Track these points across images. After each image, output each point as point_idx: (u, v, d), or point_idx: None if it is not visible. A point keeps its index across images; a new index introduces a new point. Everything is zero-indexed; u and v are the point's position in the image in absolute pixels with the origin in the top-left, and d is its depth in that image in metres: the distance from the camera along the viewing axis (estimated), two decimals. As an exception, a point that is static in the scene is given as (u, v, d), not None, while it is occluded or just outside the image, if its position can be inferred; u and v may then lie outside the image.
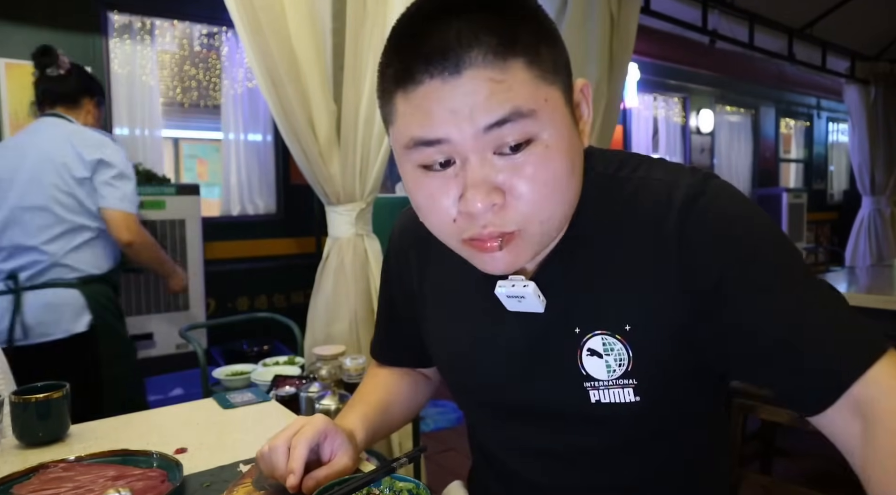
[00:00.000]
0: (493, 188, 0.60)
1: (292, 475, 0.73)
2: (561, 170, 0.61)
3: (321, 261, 2.15)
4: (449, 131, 0.59)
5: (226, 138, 3.95)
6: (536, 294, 0.69)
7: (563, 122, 0.62)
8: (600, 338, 0.68)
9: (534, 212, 0.61)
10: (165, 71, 3.80)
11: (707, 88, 6.83)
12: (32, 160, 1.91)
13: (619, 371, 0.67)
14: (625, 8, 2.90)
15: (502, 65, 0.58)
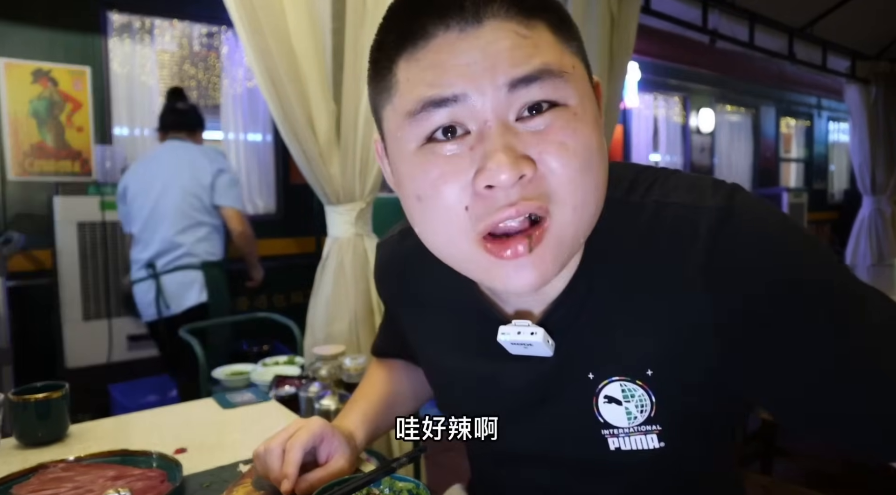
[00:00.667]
0: (520, 156, 0.50)
1: (286, 480, 0.73)
2: (592, 143, 0.53)
3: (321, 261, 2.14)
4: (465, 87, 0.50)
5: (225, 138, 3.95)
6: (546, 340, 0.61)
7: (589, 96, 0.55)
8: (619, 385, 0.61)
9: (568, 191, 0.51)
10: (165, 70, 3.79)
11: (707, 88, 6.82)
12: (168, 171, 2.49)
13: (640, 417, 0.61)
14: (625, 7, 2.90)
15: (527, 21, 0.52)
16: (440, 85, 0.50)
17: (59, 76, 3.24)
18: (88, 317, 3.05)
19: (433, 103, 0.51)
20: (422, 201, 0.54)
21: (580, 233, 0.55)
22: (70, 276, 2.99)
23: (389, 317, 0.92)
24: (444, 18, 0.51)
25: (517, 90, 0.50)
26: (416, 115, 0.52)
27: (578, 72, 0.54)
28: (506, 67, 0.50)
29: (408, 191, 0.56)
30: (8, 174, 3.14)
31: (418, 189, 0.54)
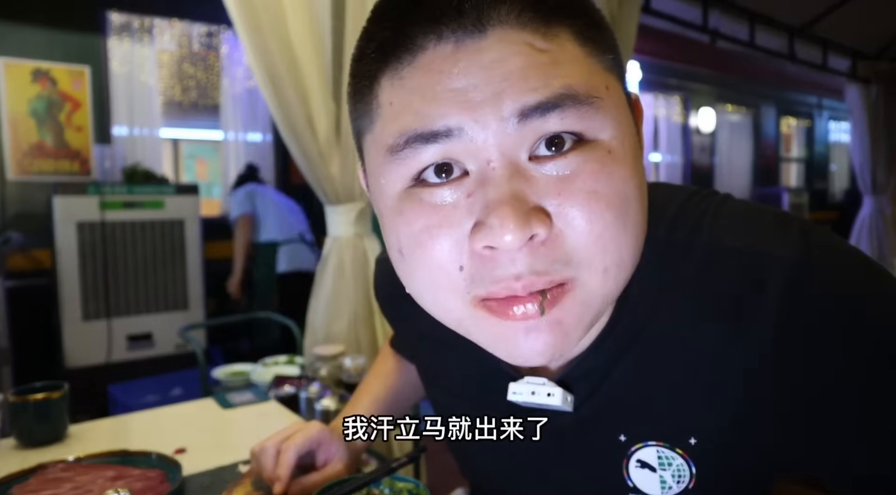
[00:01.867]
0: (531, 209, 0.39)
1: (278, 482, 0.72)
2: (630, 188, 0.41)
3: (321, 260, 2.14)
4: (462, 118, 0.39)
5: (225, 138, 3.95)
6: (565, 399, 0.52)
7: (627, 124, 0.43)
8: (655, 450, 0.52)
9: (597, 252, 0.40)
10: (165, 70, 3.79)
11: (707, 88, 6.82)
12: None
13: (676, 488, 0.52)
14: (625, 7, 2.90)
15: (545, 30, 0.40)
16: (429, 115, 0.39)
17: (58, 76, 3.24)
18: (88, 317, 3.05)
19: (421, 138, 0.40)
20: (405, 257, 0.43)
21: (612, 295, 0.44)
22: (69, 276, 2.99)
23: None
24: (437, 26, 0.39)
25: (530, 121, 0.39)
26: (400, 151, 0.41)
27: (614, 94, 0.42)
28: (515, 92, 0.38)
29: (389, 241, 0.45)
30: (7, 174, 3.14)
31: (400, 242, 0.43)
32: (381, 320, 2.17)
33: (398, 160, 0.41)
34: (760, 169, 7.59)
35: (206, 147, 4.65)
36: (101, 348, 3.07)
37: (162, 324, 3.18)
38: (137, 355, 3.12)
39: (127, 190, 3.15)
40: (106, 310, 3.10)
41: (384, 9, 0.45)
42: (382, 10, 0.45)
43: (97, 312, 3.07)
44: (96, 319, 3.07)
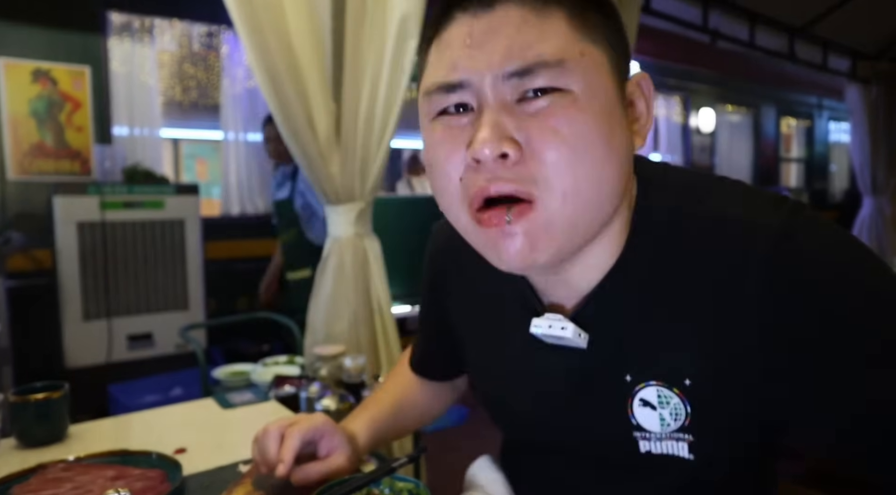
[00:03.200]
0: (505, 135, 0.51)
1: (282, 464, 0.72)
2: (591, 132, 0.51)
3: (321, 260, 2.14)
4: (469, 74, 0.53)
5: (225, 138, 3.95)
6: (577, 333, 0.60)
7: (602, 84, 0.53)
8: (655, 390, 0.59)
9: (553, 176, 0.51)
10: (165, 70, 3.80)
11: (707, 87, 6.82)
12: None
13: (674, 425, 0.59)
14: (625, 8, 2.90)
15: (541, 7, 0.52)
16: (450, 70, 0.54)
17: (58, 76, 3.24)
18: (88, 317, 3.05)
19: (444, 88, 0.54)
20: (431, 169, 0.58)
21: (578, 220, 0.53)
22: (70, 276, 2.99)
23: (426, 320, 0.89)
24: (463, 1, 0.54)
25: (513, 80, 0.52)
26: (431, 94, 0.55)
27: (591, 59, 0.53)
28: (502, 59, 0.51)
29: (425, 158, 0.59)
30: (7, 174, 3.14)
31: (428, 156, 0.58)
32: (381, 320, 2.17)
33: (430, 99, 0.56)
34: (760, 169, 7.59)
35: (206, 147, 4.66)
36: (102, 348, 3.07)
37: (162, 324, 3.18)
38: (138, 355, 3.12)
39: (127, 190, 3.15)
40: (106, 309, 3.10)
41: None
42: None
43: (97, 312, 3.08)
44: (96, 319, 3.07)
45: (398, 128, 2.11)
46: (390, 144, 2.11)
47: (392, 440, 0.94)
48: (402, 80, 2.04)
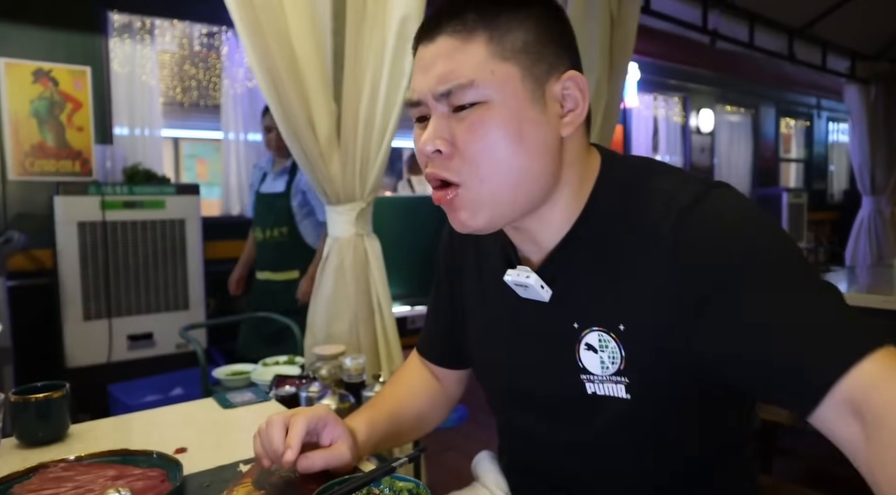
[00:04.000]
0: (440, 137, 0.68)
1: (290, 450, 0.73)
2: (500, 133, 0.67)
3: (321, 260, 2.15)
4: (420, 92, 0.70)
5: (226, 138, 3.95)
6: (539, 284, 0.74)
7: (511, 94, 0.68)
8: (597, 335, 0.72)
9: (470, 167, 0.68)
10: (165, 70, 3.80)
11: (707, 88, 6.82)
12: None
13: (612, 368, 0.71)
14: (625, 8, 2.90)
15: (467, 36, 0.68)
16: (412, 90, 0.72)
17: (59, 76, 3.24)
18: (88, 317, 3.05)
19: (410, 103, 0.73)
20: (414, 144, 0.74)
21: (499, 197, 0.69)
22: (70, 276, 3.00)
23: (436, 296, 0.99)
24: (421, 33, 0.71)
25: (444, 97, 0.68)
26: (407, 104, 0.74)
27: (501, 75, 0.67)
28: (435, 84, 0.68)
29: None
30: (8, 174, 3.14)
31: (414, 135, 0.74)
32: (381, 320, 2.17)
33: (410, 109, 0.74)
34: (760, 169, 7.59)
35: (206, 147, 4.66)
36: (102, 348, 3.07)
37: (162, 323, 3.19)
38: (138, 355, 3.13)
39: (128, 190, 3.16)
40: (107, 309, 3.10)
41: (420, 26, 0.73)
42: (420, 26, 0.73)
43: (98, 312, 3.08)
44: (97, 319, 3.07)
45: (398, 128, 2.12)
46: (390, 144, 2.12)
47: (391, 445, 0.95)
48: (402, 81, 2.04)
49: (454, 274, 0.94)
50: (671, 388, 0.70)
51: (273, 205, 2.84)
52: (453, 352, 0.98)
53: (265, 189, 2.88)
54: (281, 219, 2.82)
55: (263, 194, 2.88)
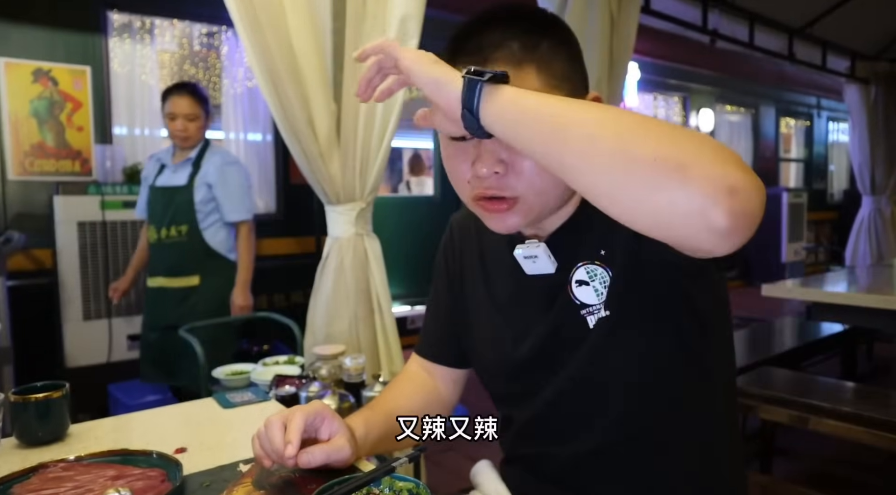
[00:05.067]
0: (497, 160, 0.73)
1: (290, 445, 0.74)
2: None
3: (321, 260, 2.14)
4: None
5: (226, 138, 3.95)
6: (547, 254, 0.81)
7: None
8: (584, 269, 0.80)
9: (529, 186, 0.74)
10: (165, 70, 3.80)
11: (707, 88, 6.83)
12: None
13: (605, 293, 0.79)
14: (625, 8, 2.90)
15: (517, 67, 0.72)
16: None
17: (59, 76, 3.24)
18: (88, 317, 3.05)
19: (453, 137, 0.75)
20: (447, 169, 0.79)
21: (548, 204, 0.77)
22: (70, 276, 3.00)
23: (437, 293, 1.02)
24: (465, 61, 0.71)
25: None
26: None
27: None
28: None
29: (443, 158, 0.80)
30: (8, 174, 3.14)
31: (445, 162, 0.79)
32: (381, 320, 2.17)
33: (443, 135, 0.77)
34: (760, 169, 7.59)
35: (206, 147, 4.66)
36: (102, 348, 3.08)
37: (162, 323, 3.18)
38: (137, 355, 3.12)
39: (128, 189, 3.16)
40: (107, 309, 3.10)
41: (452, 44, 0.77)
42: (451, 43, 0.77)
43: (98, 312, 3.08)
44: (97, 319, 3.07)
45: (398, 128, 2.12)
46: (390, 144, 2.12)
47: (388, 446, 0.95)
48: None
49: (455, 274, 0.98)
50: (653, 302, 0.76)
51: (171, 201, 2.50)
52: (453, 350, 1.00)
53: (162, 182, 2.54)
54: (180, 217, 2.49)
55: (159, 188, 2.54)
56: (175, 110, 2.48)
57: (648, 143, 0.54)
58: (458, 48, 0.75)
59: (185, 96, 2.49)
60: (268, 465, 0.78)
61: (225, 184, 2.51)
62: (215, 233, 2.55)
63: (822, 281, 3.09)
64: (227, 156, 2.61)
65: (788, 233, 6.99)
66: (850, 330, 3.37)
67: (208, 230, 2.53)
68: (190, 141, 2.50)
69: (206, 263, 2.53)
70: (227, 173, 2.52)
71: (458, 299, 0.98)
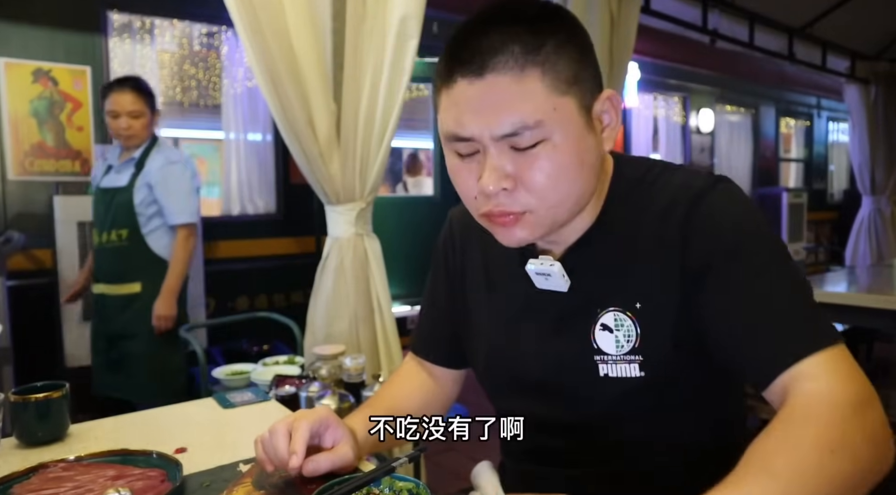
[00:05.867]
0: (504, 175, 0.69)
1: (294, 455, 0.74)
2: (567, 166, 0.70)
3: (321, 260, 2.14)
4: (474, 131, 0.69)
5: (226, 138, 3.95)
6: (561, 273, 0.78)
7: (572, 127, 0.70)
8: (613, 315, 0.76)
9: (540, 199, 0.70)
10: (165, 70, 3.79)
11: (707, 88, 6.82)
12: None
13: (626, 347, 0.75)
14: (625, 8, 2.90)
15: (519, 73, 0.67)
16: (460, 127, 0.69)
17: (59, 76, 3.24)
18: (88, 317, 3.04)
19: (456, 137, 0.71)
20: (454, 182, 0.76)
21: (558, 217, 0.73)
22: (70, 276, 2.99)
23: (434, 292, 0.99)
24: (461, 68, 0.68)
25: (504, 138, 0.68)
26: (448, 139, 0.72)
27: (562, 110, 0.68)
28: (493, 124, 0.67)
29: (448, 171, 0.77)
30: (8, 174, 3.14)
31: (451, 177, 0.76)
32: (381, 320, 2.17)
33: (448, 142, 0.73)
34: (760, 169, 7.59)
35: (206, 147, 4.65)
36: (102, 348, 3.07)
37: (162, 323, 3.18)
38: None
39: (127, 190, 3.15)
40: (106, 309, 3.09)
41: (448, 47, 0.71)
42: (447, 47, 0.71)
43: (97, 312, 3.07)
44: (97, 319, 3.06)
45: (398, 128, 2.12)
46: (390, 144, 2.12)
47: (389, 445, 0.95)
48: (402, 81, 2.04)
49: (455, 271, 0.95)
50: (681, 366, 0.74)
51: (111, 203, 2.37)
52: (452, 351, 0.98)
53: (105, 183, 2.42)
54: (120, 220, 2.35)
55: (102, 189, 2.41)
56: (117, 107, 2.32)
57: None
58: (453, 57, 0.69)
59: (127, 92, 2.33)
60: (270, 470, 0.78)
61: (166, 184, 2.35)
62: (159, 237, 2.41)
63: (822, 281, 3.10)
64: (172, 154, 2.43)
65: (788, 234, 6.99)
66: (849, 330, 3.37)
67: (151, 235, 2.39)
68: (135, 140, 2.36)
69: (148, 270, 2.38)
70: (170, 173, 2.36)
71: (457, 299, 0.95)
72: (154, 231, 2.40)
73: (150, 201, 2.37)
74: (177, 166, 2.40)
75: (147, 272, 2.38)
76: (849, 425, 0.60)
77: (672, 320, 0.73)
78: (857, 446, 0.59)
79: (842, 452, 0.58)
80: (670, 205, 0.74)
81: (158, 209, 2.38)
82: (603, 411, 0.78)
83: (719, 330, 0.70)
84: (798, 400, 0.62)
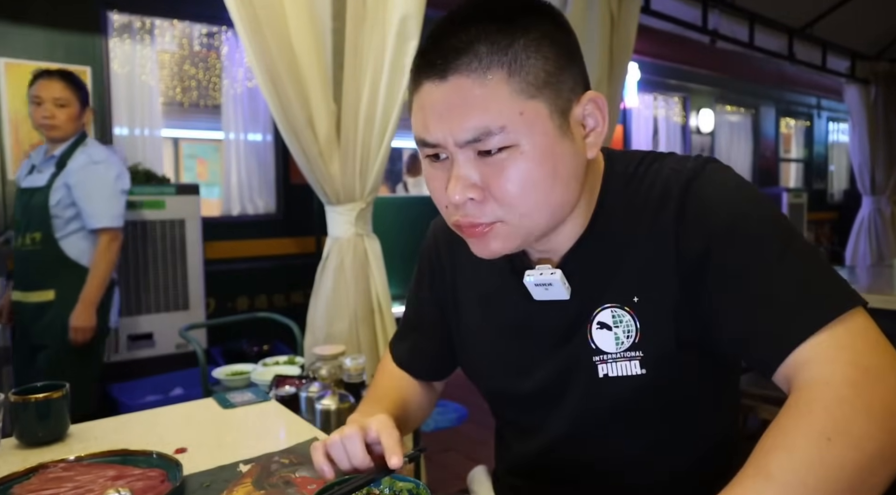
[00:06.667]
0: (470, 184, 0.66)
1: (395, 456, 0.70)
2: (537, 174, 0.66)
3: (321, 260, 2.14)
4: (438, 136, 0.66)
5: (226, 138, 3.95)
6: (563, 281, 0.74)
7: (542, 133, 0.65)
8: (610, 311, 0.73)
9: (509, 209, 0.67)
10: (165, 70, 3.79)
11: (707, 88, 6.82)
12: None
13: (626, 343, 0.72)
14: (625, 8, 2.90)
15: (483, 75, 0.63)
16: (426, 131, 0.67)
17: (59, 76, 3.24)
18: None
19: (423, 142, 0.69)
20: (426, 182, 0.73)
21: (533, 227, 0.70)
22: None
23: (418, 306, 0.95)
24: (426, 70, 0.66)
25: (469, 144, 0.65)
26: (417, 143, 0.70)
27: (529, 115, 0.64)
28: (455, 129, 0.65)
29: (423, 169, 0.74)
30: (8, 174, 3.14)
31: (424, 172, 0.73)
32: (381, 320, 2.17)
33: (418, 145, 0.70)
34: (760, 169, 7.59)
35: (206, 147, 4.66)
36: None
37: (162, 323, 3.18)
38: (138, 355, 3.12)
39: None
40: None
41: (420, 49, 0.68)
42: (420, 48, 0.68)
43: (97, 312, 3.07)
44: (96, 319, 3.06)
45: (398, 128, 2.12)
46: (390, 144, 2.12)
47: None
48: (402, 80, 2.04)
49: (441, 281, 0.91)
50: (683, 360, 0.71)
51: (28, 204, 2.21)
52: (440, 367, 0.95)
53: (26, 183, 2.25)
54: (34, 223, 2.19)
55: (22, 189, 2.26)
56: (41, 93, 2.14)
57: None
58: (421, 57, 0.66)
59: (55, 80, 2.18)
60: (330, 477, 0.72)
61: (85, 185, 2.18)
62: (76, 242, 2.23)
63: (822, 281, 3.08)
64: (96, 154, 2.25)
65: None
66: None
67: (67, 239, 2.21)
68: (58, 131, 2.17)
69: (62, 277, 2.20)
70: (91, 173, 2.19)
71: (449, 314, 0.90)
72: (70, 235, 2.22)
73: (69, 203, 2.19)
74: (100, 166, 2.23)
75: (61, 279, 2.20)
76: (848, 407, 0.54)
77: (672, 312, 0.69)
78: (859, 429, 0.53)
79: (840, 439, 0.53)
80: (662, 194, 0.71)
81: (77, 213, 2.21)
82: (601, 418, 0.75)
83: (725, 317, 0.66)
84: (796, 391, 0.58)
